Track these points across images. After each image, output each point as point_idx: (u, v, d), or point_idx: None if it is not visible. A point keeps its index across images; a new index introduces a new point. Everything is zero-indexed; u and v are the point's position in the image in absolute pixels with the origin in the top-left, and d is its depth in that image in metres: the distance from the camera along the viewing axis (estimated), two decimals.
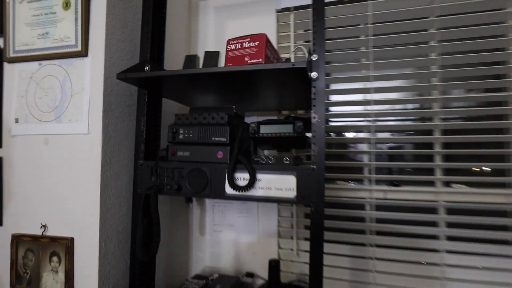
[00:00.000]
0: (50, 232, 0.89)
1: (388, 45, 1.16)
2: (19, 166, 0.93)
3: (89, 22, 0.87)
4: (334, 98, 1.28)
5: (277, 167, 0.78)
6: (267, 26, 1.30)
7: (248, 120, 1.30)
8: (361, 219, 1.20)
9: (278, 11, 1.30)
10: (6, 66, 0.97)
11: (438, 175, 1.10)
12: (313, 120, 0.76)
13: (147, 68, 0.90)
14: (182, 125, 0.87)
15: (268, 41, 0.80)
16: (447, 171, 1.11)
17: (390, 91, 1.17)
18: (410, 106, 1.24)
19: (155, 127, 0.98)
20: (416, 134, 1.22)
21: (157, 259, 0.94)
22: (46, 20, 0.91)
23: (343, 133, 1.32)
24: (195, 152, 0.85)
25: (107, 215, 0.86)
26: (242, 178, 0.80)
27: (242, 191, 0.77)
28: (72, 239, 0.86)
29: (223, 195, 0.81)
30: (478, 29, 1.07)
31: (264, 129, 0.82)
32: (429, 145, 1.16)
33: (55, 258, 0.87)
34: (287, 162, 0.80)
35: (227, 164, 0.81)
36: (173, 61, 1.17)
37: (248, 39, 0.80)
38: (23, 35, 0.94)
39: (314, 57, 0.77)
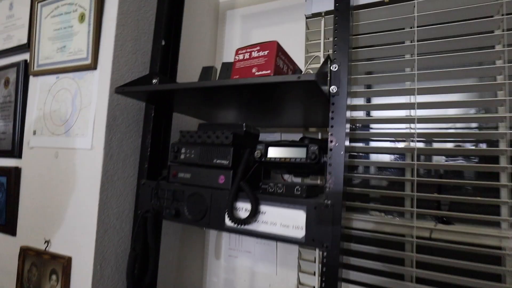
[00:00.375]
0: (52, 249, 0.86)
1: (437, 52, 0.97)
2: (33, 177, 0.93)
3: (100, 34, 0.85)
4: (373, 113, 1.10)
5: (284, 199, 0.65)
6: (296, 34, 1.19)
7: (271, 137, 1.19)
8: (401, 261, 0.99)
9: (307, 17, 1.17)
10: (31, 79, 1.00)
11: (505, 215, 0.86)
12: (330, 145, 0.62)
13: (155, 81, 0.85)
14: (186, 143, 0.79)
15: (280, 49, 0.68)
16: None
17: (440, 106, 0.96)
18: (465, 125, 1.02)
19: (164, 144, 0.92)
20: (478, 161, 0.99)
21: (166, 282, 0.87)
22: (65, 34, 0.91)
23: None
24: (196, 175, 0.76)
25: (104, 236, 0.81)
26: (244, 208, 0.69)
27: (241, 225, 0.66)
28: (69, 259, 0.82)
29: (222, 227, 0.70)
30: None
31: (273, 153, 0.70)
32: (494, 176, 0.92)
33: (54, 276, 0.84)
34: (298, 192, 0.66)
35: (228, 190, 0.70)
36: (195, 72, 1.11)
37: (258, 48, 0.70)
38: (46, 48, 0.95)
39: (334, 68, 0.64)
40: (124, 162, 0.87)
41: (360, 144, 1.16)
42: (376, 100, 1.17)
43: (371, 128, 1.18)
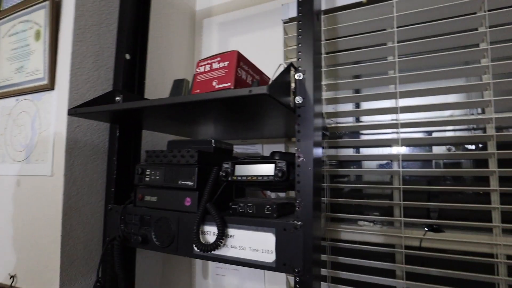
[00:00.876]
0: (19, 284, 0.80)
1: (419, 53, 0.92)
2: None
3: (56, 52, 0.80)
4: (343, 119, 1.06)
5: (252, 221, 0.60)
6: (275, 40, 1.14)
7: (252, 149, 1.14)
8: (391, 273, 0.94)
9: (285, 22, 1.13)
10: None
11: (496, 221, 0.81)
12: (298, 160, 0.57)
13: (119, 98, 0.80)
14: (151, 164, 0.74)
15: (242, 59, 0.64)
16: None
17: (423, 110, 0.91)
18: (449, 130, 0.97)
19: (134, 164, 0.87)
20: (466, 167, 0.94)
21: None
22: (22, 53, 0.86)
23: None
24: (162, 198, 0.71)
25: (70, 268, 0.76)
26: (212, 232, 0.64)
27: (208, 251, 0.61)
28: None
29: (190, 253, 0.65)
30: None
31: (240, 171, 0.65)
32: (484, 180, 0.87)
33: None
34: (269, 212, 0.61)
35: (195, 213, 0.65)
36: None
37: (218, 59, 0.65)
38: (4, 70, 0.90)
39: (299, 76, 0.59)
40: (90, 187, 0.82)
41: (349, 151, 1.11)
42: (365, 105, 1.13)
43: (362, 134, 1.13)
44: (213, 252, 0.62)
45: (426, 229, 0.89)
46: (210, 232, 0.63)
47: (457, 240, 0.83)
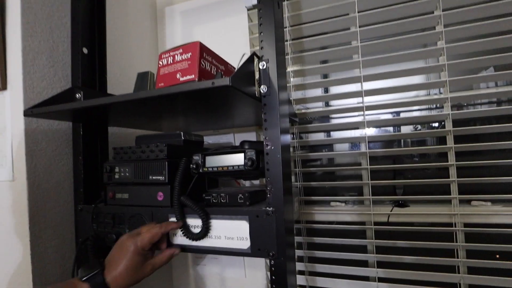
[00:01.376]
0: None
1: (380, 37, 0.95)
2: None
3: (5, 49, 0.75)
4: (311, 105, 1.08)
5: (225, 210, 0.61)
6: (240, 27, 1.13)
7: (224, 139, 1.14)
8: (364, 248, 1.00)
9: (249, 9, 1.12)
10: None
11: (454, 193, 0.87)
12: (266, 148, 0.58)
13: (79, 96, 0.77)
14: (120, 161, 0.73)
15: (205, 50, 0.63)
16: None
17: (385, 92, 0.95)
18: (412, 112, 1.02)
19: (102, 163, 0.84)
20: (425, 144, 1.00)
21: None
22: None
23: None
24: (134, 194, 0.70)
25: (43, 272, 0.73)
26: (195, 225, 0.64)
27: (197, 239, 0.62)
28: None
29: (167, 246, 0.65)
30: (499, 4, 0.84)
31: (211, 162, 0.65)
32: (444, 155, 0.94)
33: None
34: (242, 201, 0.62)
35: (169, 207, 0.65)
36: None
37: (181, 51, 0.64)
38: None
39: (262, 66, 0.59)
40: (57, 188, 0.79)
41: (320, 135, 1.14)
42: (334, 90, 1.16)
43: (333, 118, 1.17)
44: (192, 243, 0.63)
45: (393, 205, 0.95)
46: (194, 226, 0.64)
47: (420, 213, 0.89)
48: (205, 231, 0.61)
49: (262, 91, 0.59)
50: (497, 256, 0.94)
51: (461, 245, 0.83)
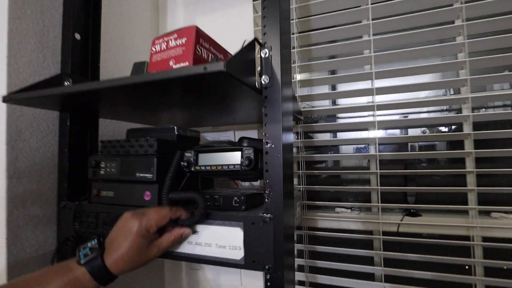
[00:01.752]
0: None
1: (393, 31, 0.88)
2: None
3: None
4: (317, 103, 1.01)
5: (217, 215, 0.54)
6: (244, 18, 1.07)
7: (223, 136, 1.07)
8: (370, 260, 0.93)
9: (254, 0, 1.06)
10: None
11: (472, 203, 0.79)
12: (266, 147, 0.52)
13: (68, 83, 0.71)
14: (106, 156, 0.67)
15: (201, 35, 0.57)
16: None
17: (399, 91, 0.88)
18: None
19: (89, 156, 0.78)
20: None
21: None
22: None
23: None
24: (119, 193, 0.64)
25: (21, 273, 0.68)
26: None
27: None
28: None
29: None
30: None
31: (204, 160, 0.59)
32: (461, 161, 0.86)
33: None
34: (237, 204, 0.56)
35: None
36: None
37: (175, 36, 0.58)
38: None
39: (264, 54, 0.53)
40: (40, 183, 0.73)
41: (326, 136, 1.07)
42: (342, 87, 1.09)
43: (340, 118, 1.10)
44: (177, 250, 0.56)
45: (404, 214, 0.88)
46: None
47: (434, 224, 0.82)
48: (204, 211, 0.53)
49: (263, 82, 0.52)
50: None
51: (479, 262, 0.75)
